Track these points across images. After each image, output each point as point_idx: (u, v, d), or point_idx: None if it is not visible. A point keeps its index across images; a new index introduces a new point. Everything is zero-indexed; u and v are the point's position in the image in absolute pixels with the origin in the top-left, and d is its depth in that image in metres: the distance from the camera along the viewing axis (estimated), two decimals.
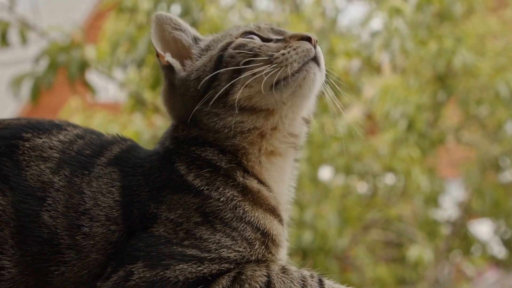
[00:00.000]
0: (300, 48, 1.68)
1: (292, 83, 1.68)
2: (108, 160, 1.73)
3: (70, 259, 1.61)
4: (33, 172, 1.67)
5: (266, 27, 1.80)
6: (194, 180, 1.67)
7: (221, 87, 1.69)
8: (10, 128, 1.74)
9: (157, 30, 1.82)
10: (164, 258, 1.56)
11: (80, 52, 4.56)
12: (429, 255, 6.34)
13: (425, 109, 6.13)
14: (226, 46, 1.74)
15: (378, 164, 6.33)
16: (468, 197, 7.42)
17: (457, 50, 5.48)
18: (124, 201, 1.66)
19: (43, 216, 1.62)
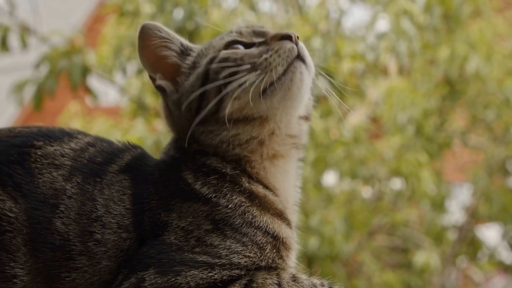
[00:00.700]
0: (282, 50, 1.68)
1: (280, 87, 1.69)
2: (119, 167, 1.75)
3: (81, 265, 1.63)
4: (46, 179, 1.69)
5: (248, 31, 1.79)
6: (201, 188, 1.69)
7: (211, 101, 1.71)
8: (21, 136, 1.77)
9: (144, 48, 1.82)
10: (175, 264, 1.58)
11: (81, 57, 4.57)
12: (435, 260, 6.34)
13: (432, 113, 6.14)
14: (210, 61, 1.75)
15: (384, 169, 6.33)
16: (475, 201, 7.42)
17: (470, 57, 5.48)
18: (135, 209, 1.68)
19: (55, 223, 1.64)
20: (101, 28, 6.34)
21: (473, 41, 5.79)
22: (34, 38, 4.78)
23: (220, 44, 1.77)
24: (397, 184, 6.78)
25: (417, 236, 7.28)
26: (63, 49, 4.63)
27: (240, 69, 1.69)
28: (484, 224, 8.19)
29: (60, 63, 4.52)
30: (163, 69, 1.83)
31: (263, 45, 1.73)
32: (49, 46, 4.84)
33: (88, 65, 4.72)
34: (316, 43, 4.99)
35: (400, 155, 6.21)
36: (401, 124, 5.99)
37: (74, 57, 4.53)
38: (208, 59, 1.75)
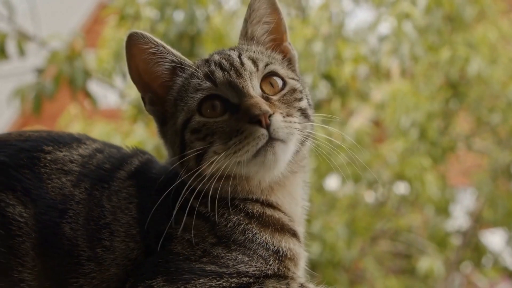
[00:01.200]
0: (251, 137, 1.65)
1: (253, 164, 1.70)
2: (127, 173, 1.79)
3: (90, 271, 1.66)
4: (55, 184, 1.72)
5: (224, 81, 1.73)
6: (199, 206, 1.72)
7: (191, 164, 1.72)
8: (31, 140, 1.80)
9: (131, 58, 1.80)
10: (183, 273, 1.62)
11: (82, 62, 4.58)
12: (439, 266, 6.33)
13: (435, 116, 6.14)
14: (185, 123, 1.74)
15: (387, 173, 6.33)
16: (480, 206, 7.41)
17: (471, 58, 5.48)
18: (141, 218, 1.71)
19: (64, 228, 1.67)
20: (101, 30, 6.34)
21: (474, 43, 5.79)
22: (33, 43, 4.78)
23: (194, 101, 1.73)
24: (400, 188, 6.78)
25: (421, 241, 7.27)
26: (64, 53, 4.64)
27: (211, 148, 1.69)
28: (489, 229, 8.17)
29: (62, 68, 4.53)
30: (153, 89, 1.82)
31: (235, 115, 1.69)
32: (48, 50, 4.85)
33: (89, 69, 4.73)
34: (317, 46, 4.99)
35: (403, 159, 6.21)
36: (404, 127, 5.98)
37: (76, 62, 4.53)
38: (182, 119, 1.74)
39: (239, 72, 1.74)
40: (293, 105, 1.77)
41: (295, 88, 1.81)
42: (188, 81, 1.78)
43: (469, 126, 7.20)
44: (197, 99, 1.73)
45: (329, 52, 4.88)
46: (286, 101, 1.77)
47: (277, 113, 1.68)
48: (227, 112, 1.71)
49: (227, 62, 1.77)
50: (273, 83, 1.78)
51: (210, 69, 1.76)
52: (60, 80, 4.67)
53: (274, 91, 1.77)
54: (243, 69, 1.75)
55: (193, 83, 1.76)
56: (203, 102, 1.73)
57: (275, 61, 1.85)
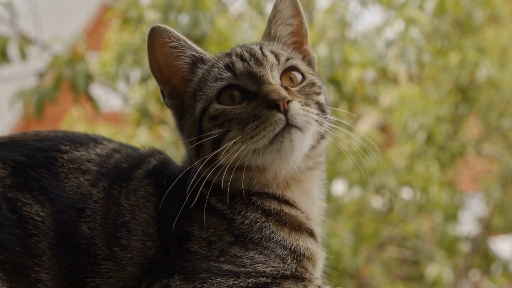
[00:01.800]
0: (268, 122, 1.67)
1: (270, 152, 1.71)
2: (145, 172, 1.81)
3: (106, 270, 1.67)
4: (72, 184, 1.74)
5: (244, 71, 1.77)
6: (216, 203, 1.74)
7: (207, 153, 1.74)
8: (48, 140, 1.82)
9: (153, 52, 1.82)
10: (201, 272, 1.63)
11: (85, 65, 4.59)
12: (448, 273, 6.32)
13: (444, 121, 6.12)
14: (203, 112, 1.77)
15: (395, 178, 6.32)
16: (489, 212, 7.41)
17: (481, 62, 5.46)
18: (158, 217, 1.73)
19: (81, 227, 1.69)
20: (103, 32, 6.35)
21: (484, 47, 5.77)
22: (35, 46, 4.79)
23: (213, 90, 1.77)
24: (408, 194, 6.77)
25: (429, 248, 7.26)
26: (66, 57, 4.65)
27: (229, 134, 1.71)
28: (498, 236, 8.15)
29: (64, 71, 4.54)
30: (173, 83, 1.85)
31: (254, 102, 1.72)
32: (50, 53, 4.86)
33: (91, 73, 4.74)
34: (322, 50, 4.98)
35: (411, 164, 6.19)
36: (411, 131, 5.96)
37: (78, 65, 4.54)
38: (201, 107, 1.77)
39: (260, 62, 1.77)
40: (311, 98, 1.80)
41: (314, 82, 1.83)
42: (208, 72, 1.81)
43: (479, 131, 7.18)
44: (217, 88, 1.76)
45: (335, 56, 4.87)
46: (304, 92, 1.79)
47: (295, 100, 1.71)
48: (245, 100, 1.73)
49: (248, 53, 1.80)
50: (292, 77, 1.81)
51: (231, 60, 1.80)
52: (60, 83, 4.67)
53: (293, 84, 1.80)
54: (265, 60, 1.78)
55: (213, 73, 1.79)
56: (222, 91, 1.76)
57: (296, 57, 1.88)
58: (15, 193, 1.71)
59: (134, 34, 5.18)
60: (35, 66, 4.77)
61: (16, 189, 1.72)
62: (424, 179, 5.88)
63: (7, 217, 1.68)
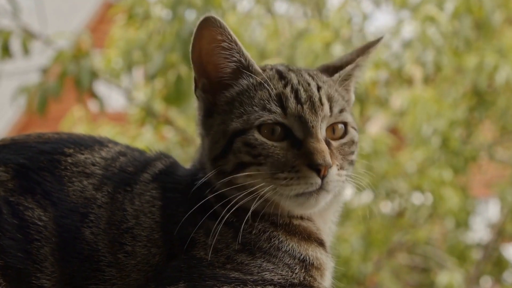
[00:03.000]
0: (304, 180, 1.64)
1: (292, 201, 1.68)
2: (151, 176, 1.78)
3: (110, 277, 1.65)
4: (76, 188, 1.72)
5: (295, 113, 1.68)
6: (221, 211, 1.69)
7: (226, 168, 1.70)
8: (51, 142, 1.79)
9: (199, 40, 1.72)
10: (206, 279, 1.61)
11: (90, 61, 4.55)
12: (459, 281, 6.28)
13: (458, 124, 6.08)
14: (238, 132, 1.69)
15: (406, 183, 6.27)
16: (502, 218, 7.36)
17: (500, 66, 5.40)
18: (164, 222, 1.70)
19: (84, 232, 1.66)
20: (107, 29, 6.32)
21: (504, 49, 5.71)
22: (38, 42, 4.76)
23: (257, 119, 1.68)
24: (419, 199, 6.73)
25: (440, 254, 7.23)
26: (70, 52, 4.61)
27: (259, 168, 1.66)
28: (511, 242, 8.11)
29: (68, 67, 4.50)
30: (210, 78, 1.76)
31: (295, 149, 1.66)
32: (54, 49, 4.82)
33: (96, 69, 4.70)
34: (337, 49, 4.94)
35: (423, 168, 6.15)
36: (425, 136, 5.92)
37: (82, 61, 4.50)
38: (237, 128, 1.69)
39: (314, 109, 1.69)
40: (347, 158, 1.75)
41: (353, 140, 1.78)
42: (255, 88, 1.73)
43: (492, 135, 7.14)
44: (261, 120, 1.68)
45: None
46: (342, 152, 1.74)
47: (334, 165, 1.68)
48: (286, 140, 1.68)
49: (305, 93, 1.71)
50: (335, 129, 1.75)
51: (284, 93, 1.70)
52: (64, 80, 4.64)
53: (334, 137, 1.74)
54: (320, 109, 1.70)
55: (261, 97, 1.71)
56: (266, 123, 1.69)
57: (347, 105, 1.81)
58: (17, 197, 1.68)
59: (139, 31, 5.13)
60: (38, 61, 4.73)
61: (18, 193, 1.69)
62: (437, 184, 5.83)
63: (9, 222, 1.65)
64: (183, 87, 4.48)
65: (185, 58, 4.31)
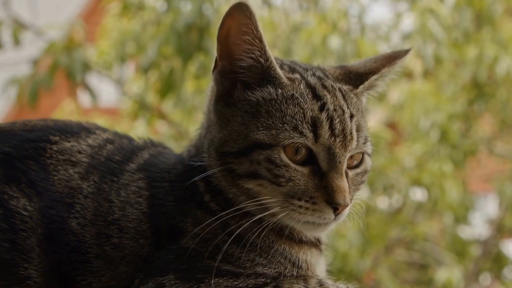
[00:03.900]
0: (319, 214, 1.64)
1: (301, 225, 1.69)
2: (137, 166, 1.77)
3: (98, 269, 1.66)
4: (61, 177, 1.72)
5: (326, 144, 1.65)
6: (210, 202, 1.71)
7: (236, 170, 1.67)
8: (37, 130, 1.79)
9: (228, 23, 1.66)
10: (197, 271, 1.61)
11: (82, 53, 4.53)
12: (458, 277, 6.29)
13: (457, 118, 6.08)
14: (263, 145, 1.65)
15: (404, 178, 6.28)
16: (501, 213, 7.36)
17: (500, 57, 5.40)
18: (151, 212, 1.70)
19: (71, 223, 1.67)
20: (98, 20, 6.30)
21: (504, 41, 5.71)
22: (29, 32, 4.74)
23: (286, 139, 1.64)
24: (417, 194, 6.73)
25: (438, 251, 7.24)
26: (62, 43, 4.59)
27: (276, 188, 1.64)
28: (511, 238, 8.13)
29: (60, 59, 4.49)
30: (230, 66, 1.72)
31: (316, 180, 1.64)
32: (45, 40, 4.81)
33: (88, 61, 4.69)
34: (334, 42, 4.92)
35: (422, 163, 6.15)
36: (423, 129, 5.91)
37: (74, 53, 4.49)
38: (261, 140, 1.64)
39: (344, 144, 1.67)
40: (358, 187, 1.76)
41: (366, 170, 1.78)
42: (287, 104, 1.66)
43: (491, 129, 7.15)
44: (291, 141, 1.64)
45: (347, 49, 4.81)
46: (355, 182, 1.75)
47: (350, 203, 1.69)
48: (308, 166, 1.65)
49: (339, 124, 1.67)
50: (354, 157, 1.74)
51: (319, 119, 1.65)
52: (55, 71, 4.62)
53: (351, 164, 1.74)
54: (350, 143, 1.68)
55: (293, 115, 1.65)
56: (290, 147, 1.65)
57: (368, 130, 1.80)
58: (1, 186, 1.68)
59: (133, 21, 5.12)
60: (29, 53, 4.72)
61: (3, 181, 1.69)
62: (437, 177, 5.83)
63: None
64: (176, 80, 4.47)
65: (179, 50, 4.30)
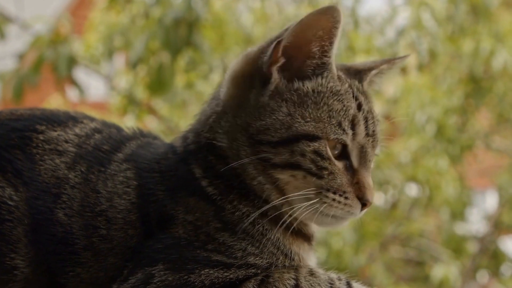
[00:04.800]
0: (348, 209, 1.67)
1: (323, 218, 1.70)
2: (124, 156, 1.77)
3: (86, 260, 1.65)
4: (48, 166, 1.71)
5: (360, 143, 1.70)
6: (207, 186, 1.70)
7: (274, 160, 1.67)
8: (23, 119, 1.79)
9: (309, 22, 1.65)
10: (187, 262, 1.61)
11: (68, 47, 4.52)
12: (454, 275, 6.32)
13: (453, 112, 6.10)
14: (309, 136, 1.67)
15: (400, 173, 6.30)
16: (499, 209, 7.40)
17: (497, 50, 5.42)
18: (140, 202, 1.70)
19: (57, 214, 1.67)
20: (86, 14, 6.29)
21: (500, 34, 5.73)
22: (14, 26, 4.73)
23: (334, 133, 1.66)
24: (413, 190, 6.76)
25: (434, 247, 7.27)
26: (48, 37, 4.58)
27: (314, 179, 1.66)
28: (508, 235, 8.17)
29: (45, 53, 4.48)
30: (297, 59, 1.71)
31: (349, 175, 1.68)
32: (31, 34, 4.79)
33: (75, 55, 4.68)
34: None
35: (418, 158, 6.18)
36: (419, 124, 5.94)
37: (60, 47, 4.48)
38: (311, 132, 1.67)
39: (373, 145, 1.73)
40: None
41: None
42: (333, 99, 1.70)
43: (488, 123, 7.17)
44: (336, 137, 1.67)
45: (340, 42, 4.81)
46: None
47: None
48: (342, 162, 1.69)
49: (372, 125, 1.73)
50: None
51: (357, 117, 1.70)
52: (41, 66, 4.61)
53: None
54: (376, 146, 1.75)
55: (338, 111, 1.69)
56: (333, 141, 1.68)
57: None
58: None
59: (122, 15, 5.11)
60: (14, 47, 4.71)
61: None
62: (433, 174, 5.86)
63: None
64: (166, 75, 4.46)
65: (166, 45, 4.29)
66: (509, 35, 5.77)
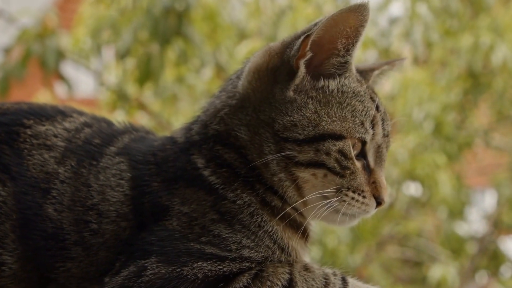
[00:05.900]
0: (365, 207, 1.74)
1: (336, 216, 1.75)
2: (117, 149, 1.79)
3: (77, 255, 1.68)
4: (36, 161, 1.74)
5: (378, 142, 1.77)
6: (210, 176, 1.72)
7: (299, 157, 1.71)
8: (10, 113, 1.81)
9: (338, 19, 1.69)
10: (181, 254, 1.63)
11: (56, 40, 4.53)
12: (453, 275, 6.33)
13: (452, 108, 6.11)
14: (335, 136, 1.72)
15: (397, 171, 6.31)
16: (499, 209, 7.41)
17: (496, 45, 5.43)
18: (134, 194, 1.72)
19: (47, 209, 1.69)
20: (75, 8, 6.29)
21: (500, 28, 5.73)
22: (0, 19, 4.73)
23: (356, 132, 1.72)
24: (410, 188, 6.76)
25: (433, 247, 7.28)
26: (35, 31, 4.59)
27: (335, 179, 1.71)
28: (508, 235, 8.18)
29: (32, 47, 4.48)
30: (322, 54, 1.74)
31: (366, 174, 1.75)
32: (18, 27, 4.80)
33: (63, 49, 4.68)
34: None
35: (415, 155, 6.18)
36: (417, 120, 5.95)
37: (47, 40, 4.48)
38: (336, 131, 1.71)
39: (387, 145, 1.83)
40: None
41: None
42: (356, 99, 1.76)
43: (488, 120, 7.17)
44: (360, 136, 1.74)
45: None
46: None
47: None
48: (361, 161, 1.76)
49: (387, 126, 1.82)
50: None
51: (376, 118, 1.77)
52: (28, 60, 4.62)
53: None
54: (390, 145, 1.85)
55: (361, 111, 1.75)
56: (358, 140, 1.74)
57: None
58: None
59: (110, 8, 5.12)
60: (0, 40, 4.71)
61: None
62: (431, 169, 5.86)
63: None
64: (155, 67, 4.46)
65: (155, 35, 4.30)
66: (509, 30, 5.77)
